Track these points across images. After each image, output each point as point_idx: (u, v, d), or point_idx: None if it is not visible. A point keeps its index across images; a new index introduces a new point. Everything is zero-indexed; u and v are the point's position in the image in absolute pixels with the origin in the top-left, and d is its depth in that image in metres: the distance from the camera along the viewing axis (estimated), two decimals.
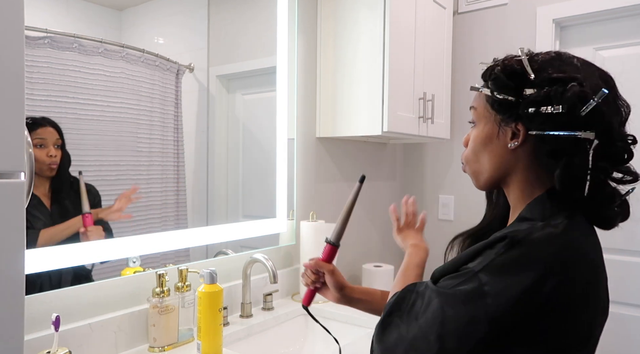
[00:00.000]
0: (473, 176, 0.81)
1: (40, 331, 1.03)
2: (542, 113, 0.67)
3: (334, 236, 1.03)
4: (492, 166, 0.76)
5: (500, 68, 0.73)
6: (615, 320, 1.91)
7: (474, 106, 0.79)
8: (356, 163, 2.09)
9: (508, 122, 0.72)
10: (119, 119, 1.21)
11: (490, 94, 0.73)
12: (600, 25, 1.97)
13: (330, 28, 1.83)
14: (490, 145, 0.75)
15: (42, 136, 1.07)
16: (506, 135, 0.73)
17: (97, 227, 1.16)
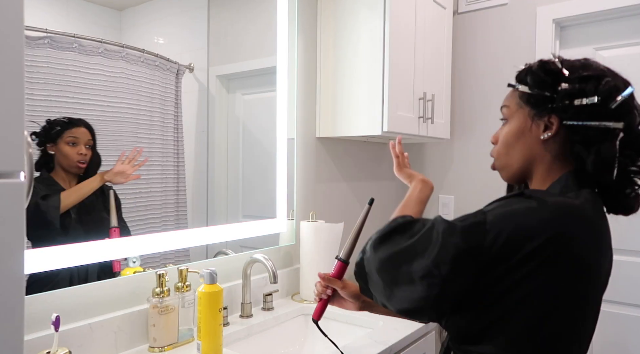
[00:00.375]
0: (502, 169, 0.87)
1: (40, 331, 1.03)
2: (576, 105, 0.76)
3: (344, 253, 1.06)
4: (522, 157, 0.83)
5: (538, 66, 0.81)
6: (615, 320, 1.91)
7: (506, 105, 0.87)
8: (356, 163, 2.09)
9: (541, 115, 0.80)
10: (119, 119, 1.21)
11: (528, 90, 0.81)
12: (600, 25, 1.97)
13: (330, 28, 1.83)
14: (523, 138, 0.82)
15: (75, 135, 1.13)
16: (539, 127, 0.80)
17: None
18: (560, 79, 0.78)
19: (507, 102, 0.87)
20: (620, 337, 1.90)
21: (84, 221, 1.16)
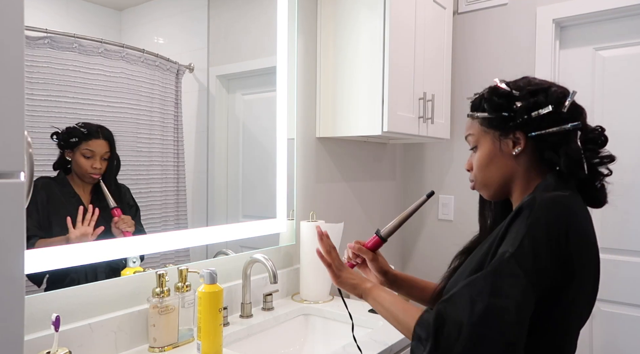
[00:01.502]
0: (484, 190, 0.94)
1: (40, 331, 1.03)
2: (534, 116, 0.84)
3: (385, 231, 1.08)
4: (500, 176, 0.90)
5: (489, 93, 0.90)
6: (615, 320, 1.91)
7: (470, 133, 0.94)
8: (356, 163, 2.09)
9: (507, 134, 0.87)
10: (119, 119, 1.21)
11: (487, 115, 0.89)
12: (600, 25, 1.97)
13: (330, 28, 1.83)
14: (496, 158, 0.90)
15: (92, 147, 1.15)
16: (508, 145, 0.88)
17: (126, 217, 1.23)
18: (512, 98, 0.87)
19: (470, 130, 0.94)
20: (620, 337, 1.90)
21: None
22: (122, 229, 1.21)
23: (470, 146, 0.95)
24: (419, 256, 2.41)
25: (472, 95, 0.98)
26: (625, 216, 1.90)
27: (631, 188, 1.89)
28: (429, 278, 1.14)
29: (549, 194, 0.79)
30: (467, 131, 0.95)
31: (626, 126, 1.91)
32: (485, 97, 0.91)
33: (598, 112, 1.97)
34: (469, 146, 0.96)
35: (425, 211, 2.39)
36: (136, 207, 1.27)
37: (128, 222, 1.23)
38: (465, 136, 0.96)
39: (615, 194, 2.05)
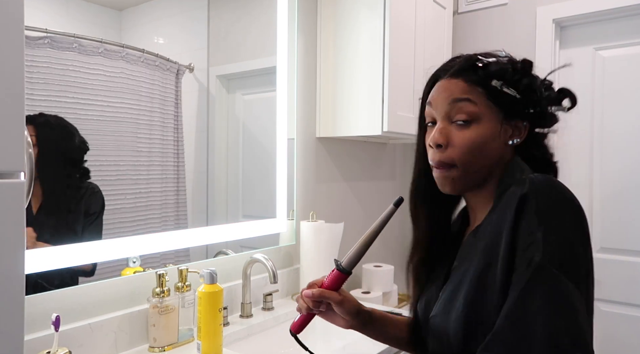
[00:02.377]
0: (462, 183, 0.74)
1: (40, 331, 1.03)
2: (549, 113, 0.74)
3: (347, 262, 0.81)
4: (487, 164, 0.73)
5: (522, 68, 0.73)
6: (615, 320, 1.91)
7: (469, 99, 0.71)
8: (356, 163, 2.09)
9: (511, 119, 0.73)
10: (119, 119, 1.21)
11: (515, 94, 0.72)
12: (600, 25, 1.97)
13: (330, 28, 1.83)
14: (492, 143, 0.72)
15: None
16: (506, 132, 0.73)
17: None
18: (535, 82, 0.73)
19: (470, 95, 0.72)
20: (620, 337, 1.90)
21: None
22: None
23: (459, 116, 0.72)
24: None
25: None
26: (625, 216, 1.90)
27: (631, 188, 1.89)
28: None
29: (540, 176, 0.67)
30: (461, 94, 0.72)
31: (626, 125, 1.91)
32: (515, 68, 0.73)
33: (598, 112, 1.97)
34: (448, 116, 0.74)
35: None
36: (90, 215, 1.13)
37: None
38: (456, 99, 0.72)
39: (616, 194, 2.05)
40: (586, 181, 1.98)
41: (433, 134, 0.75)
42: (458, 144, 0.72)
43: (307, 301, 0.82)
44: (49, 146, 1.06)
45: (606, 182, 1.95)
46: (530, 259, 0.62)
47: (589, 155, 1.98)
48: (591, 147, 1.98)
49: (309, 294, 0.81)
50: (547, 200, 0.64)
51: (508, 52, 0.76)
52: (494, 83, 0.71)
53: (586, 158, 1.99)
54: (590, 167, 1.98)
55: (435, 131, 0.74)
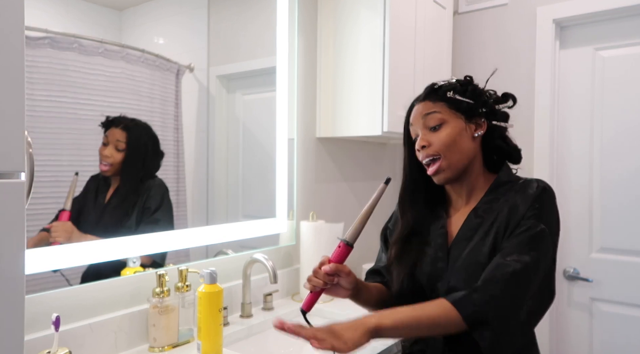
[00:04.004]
0: (449, 170, 0.99)
1: (40, 331, 1.03)
2: (498, 110, 1.02)
3: (349, 235, 1.00)
4: (465, 155, 0.99)
5: (466, 82, 1.04)
6: (616, 320, 1.91)
7: (436, 111, 0.99)
8: (356, 163, 2.09)
9: (471, 119, 0.99)
10: None
11: (467, 100, 0.99)
12: (600, 25, 1.97)
13: (330, 28, 1.83)
14: (461, 138, 0.98)
15: (108, 134, 1.14)
16: (471, 129, 0.99)
17: (61, 224, 1.09)
18: (482, 91, 1.03)
19: (435, 109, 1.00)
20: (620, 337, 1.90)
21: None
22: (50, 236, 1.07)
23: (431, 123, 0.99)
24: None
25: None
26: (625, 216, 1.90)
27: (631, 188, 1.89)
28: None
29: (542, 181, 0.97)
30: (428, 109, 1.00)
31: (626, 126, 1.91)
32: (462, 82, 1.03)
33: (598, 112, 1.97)
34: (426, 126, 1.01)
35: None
36: (151, 209, 1.24)
37: (57, 231, 1.08)
38: (426, 113, 1.00)
39: (616, 194, 2.05)
40: (586, 180, 1.98)
41: (418, 141, 1.01)
42: (436, 142, 0.98)
43: (323, 277, 0.96)
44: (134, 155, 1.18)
45: (606, 182, 1.94)
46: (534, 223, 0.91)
47: (589, 155, 1.98)
48: (591, 147, 1.98)
49: (327, 269, 0.95)
50: (551, 199, 0.96)
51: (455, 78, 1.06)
52: (448, 95, 1.00)
53: (586, 158, 1.99)
54: (590, 167, 1.98)
55: (419, 139, 1.01)
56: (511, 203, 0.95)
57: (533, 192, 0.94)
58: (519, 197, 0.94)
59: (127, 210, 1.22)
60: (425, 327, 0.85)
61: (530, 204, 0.93)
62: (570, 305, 2.01)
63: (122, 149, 1.16)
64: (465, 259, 0.95)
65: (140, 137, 1.20)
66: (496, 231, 0.94)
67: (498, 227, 0.94)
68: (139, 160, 1.21)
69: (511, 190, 0.97)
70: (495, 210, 0.96)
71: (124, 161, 1.17)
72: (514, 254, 0.88)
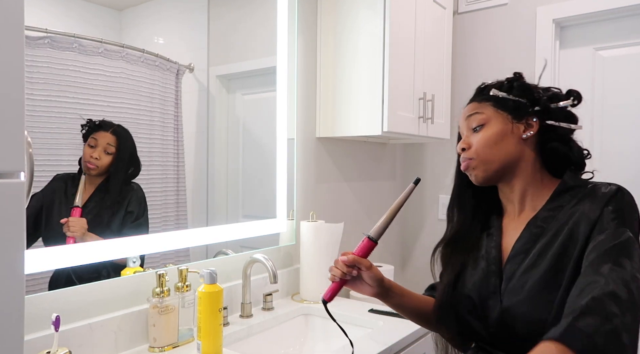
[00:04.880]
0: (482, 168, 0.93)
1: (40, 331, 1.03)
2: (554, 108, 0.91)
3: (374, 232, 0.98)
4: (505, 156, 0.91)
5: (513, 78, 0.96)
6: None
7: (478, 112, 0.94)
8: (356, 163, 2.09)
9: (520, 118, 0.92)
10: (118, 119, 1.21)
11: (512, 97, 0.92)
12: (600, 25, 1.97)
13: (330, 28, 1.83)
14: (506, 138, 0.91)
15: (96, 137, 1.15)
16: (519, 129, 0.92)
17: (77, 220, 1.14)
18: (534, 87, 0.94)
19: (478, 110, 0.95)
20: None
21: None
22: (66, 232, 1.11)
23: (473, 125, 0.94)
24: (418, 256, 2.41)
25: (472, 95, 1.01)
26: None
27: (632, 188, 1.89)
28: (429, 278, 1.12)
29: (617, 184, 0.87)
30: (472, 110, 0.96)
31: (626, 125, 1.91)
32: (509, 79, 0.95)
33: (598, 112, 1.97)
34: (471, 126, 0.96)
35: (425, 211, 2.40)
36: (134, 214, 1.24)
37: (74, 227, 1.12)
38: (469, 115, 0.96)
39: None
40: None
41: (459, 143, 0.97)
42: (475, 144, 0.94)
43: (342, 267, 0.96)
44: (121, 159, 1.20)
45: (606, 181, 1.94)
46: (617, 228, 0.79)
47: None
48: (591, 147, 1.97)
49: (344, 259, 0.96)
50: (632, 201, 0.85)
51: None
52: (492, 92, 0.93)
53: None
54: (590, 167, 1.97)
55: (461, 141, 0.97)
56: (580, 211, 0.84)
57: (606, 194, 0.83)
58: (588, 203, 0.84)
59: (112, 213, 1.21)
60: None
61: (604, 208, 0.81)
62: None
63: (111, 153, 1.17)
64: (521, 277, 0.86)
65: (128, 142, 1.21)
66: (562, 243, 0.83)
67: (564, 240, 0.82)
68: (127, 164, 1.22)
69: (578, 196, 0.87)
70: (559, 219, 0.86)
71: (114, 165, 1.18)
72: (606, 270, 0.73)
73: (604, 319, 0.66)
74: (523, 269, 0.86)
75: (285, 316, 1.54)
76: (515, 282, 0.87)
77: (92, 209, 1.17)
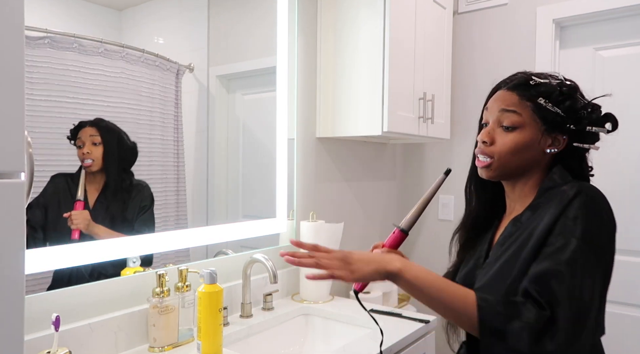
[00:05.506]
0: (498, 170, 0.92)
1: (40, 331, 1.03)
2: (588, 132, 0.89)
3: (405, 223, 0.98)
4: (523, 163, 0.91)
5: (568, 91, 0.90)
6: (617, 320, 1.91)
7: (516, 111, 0.90)
8: (356, 163, 2.09)
9: (551, 132, 0.89)
10: (118, 119, 1.21)
11: (560, 111, 0.88)
12: (600, 25, 1.97)
13: (330, 28, 1.83)
14: (532, 149, 0.90)
15: (80, 136, 1.14)
16: (546, 142, 0.90)
17: (80, 213, 1.15)
18: (576, 104, 0.89)
19: (516, 108, 0.90)
20: (620, 337, 1.90)
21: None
22: (70, 225, 1.13)
23: (506, 123, 0.90)
24: (419, 256, 2.41)
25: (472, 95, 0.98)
26: (625, 216, 1.90)
27: (631, 188, 1.89)
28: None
29: (588, 183, 0.89)
30: (510, 106, 0.90)
31: (626, 126, 1.91)
32: (562, 90, 0.90)
33: None
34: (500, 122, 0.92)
35: (425, 212, 2.39)
36: (142, 208, 1.26)
37: (77, 219, 1.14)
38: (505, 109, 0.90)
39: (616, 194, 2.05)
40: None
41: (482, 133, 0.94)
42: (499, 144, 0.91)
43: None
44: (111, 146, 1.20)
45: (606, 182, 1.94)
46: (568, 237, 0.79)
47: (589, 155, 1.98)
48: None
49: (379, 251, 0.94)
50: (591, 200, 0.82)
51: (562, 75, 0.95)
52: (539, 100, 0.89)
53: None
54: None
55: (485, 130, 0.94)
56: (550, 211, 0.85)
57: (568, 197, 0.83)
58: (553, 206, 0.84)
59: (122, 206, 1.24)
60: (440, 302, 0.83)
61: (560, 214, 0.82)
62: None
63: (98, 143, 1.17)
64: (496, 268, 0.89)
65: (109, 129, 1.20)
66: (537, 240, 0.84)
67: (539, 238, 0.84)
68: (116, 149, 1.22)
69: (553, 196, 0.87)
70: (536, 219, 0.87)
71: (105, 153, 1.19)
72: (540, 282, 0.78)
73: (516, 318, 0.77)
74: (500, 262, 0.89)
75: (285, 316, 1.54)
76: (482, 271, 0.93)
77: (101, 205, 1.19)
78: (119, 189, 1.23)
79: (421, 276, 0.84)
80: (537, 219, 0.87)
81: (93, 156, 1.17)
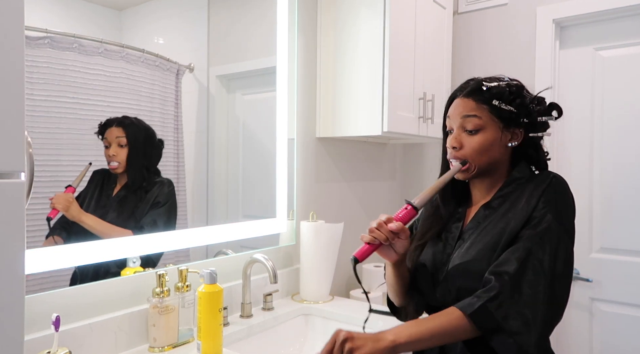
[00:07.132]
0: (476, 169, 1.00)
1: (40, 331, 1.03)
2: (539, 121, 1.00)
3: (418, 200, 0.99)
4: (492, 160, 1.00)
5: (517, 90, 1.00)
6: (616, 320, 1.91)
7: (476, 115, 0.99)
8: (356, 163, 2.09)
9: (509, 128, 0.99)
10: None
11: (514, 109, 0.98)
12: (600, 25, 1.97)
13: (330, 28, 1.83)
14: (495, 146, 0.99)
15: (107, 136, 1.17)
16: (506, 137, 1.00)
17: (65, 194, 1.14)
18: (529, 101, 1.00)
19: (476, 112, 0.99)
20: (620, 337, 1.90)
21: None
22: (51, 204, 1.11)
23: (469, 127, 0.99)
24: None
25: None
26: (625, 216, 1.90)
27: (631, 188, 1.89)
28: None
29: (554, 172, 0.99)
30: (469, 111, 0.99)
31: (626, 126, 1.91)
32: (511, 90, 0.99)
33: (598, 112, 1.97)
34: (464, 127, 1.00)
35: None
36: (162, 203, 1.29)
37: (57, 199, 1.12)
38: (466, 115, 0.99)
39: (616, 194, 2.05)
40: (586, 181, 1.98)
41: (450, 139, 1.03)
42: (468, 146, 0.99)
43: (387, 233, 0.96)
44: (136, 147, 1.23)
45: (606, 182, 1.94)
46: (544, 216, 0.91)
47: (589, 155, 1.98)
48: (591, 147, 1.98)
49: (393, 226, 0.96)
50: (562, 187, 0.96)
51: (507, 77, 1.04)
52: (494, 102, 0.98)
53: (586, 158, 1.99)
54: (590, 168, 1.98)
55: (452, 137, 1.03)
56: (527, 194, 0.95)
57: (542, 184, 0.95)
58: (527, 193, 0.95)
59: (137, 202, 1.26)
60: (439, 338, 0.86)
61: (540, 196, 0.93)
62: (570, 305, 1.99)
63: (124, 145, 1.20)
64: (468, 246, 0.97)
65: (137, 129, 1.24)
66: (511, 217, 0.94)
67: (514, 214, 0.94)
68: (141, 150, 1.25)
69: (527, 182, 0.98)
70: (510, 200, 0.97)
71: (129, 155, 1.21)
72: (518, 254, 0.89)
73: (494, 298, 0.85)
74: (471, 240, 0.98)
75: (285, 316, 1.54)
76: (461, 250, 0.98)
77: (116, 198, 1.22)
78: (138, 187, 1.25)
79: (413, 331, 0.86)
80: (515, 202, 0.96)
81: (119, 158, 1.20)
